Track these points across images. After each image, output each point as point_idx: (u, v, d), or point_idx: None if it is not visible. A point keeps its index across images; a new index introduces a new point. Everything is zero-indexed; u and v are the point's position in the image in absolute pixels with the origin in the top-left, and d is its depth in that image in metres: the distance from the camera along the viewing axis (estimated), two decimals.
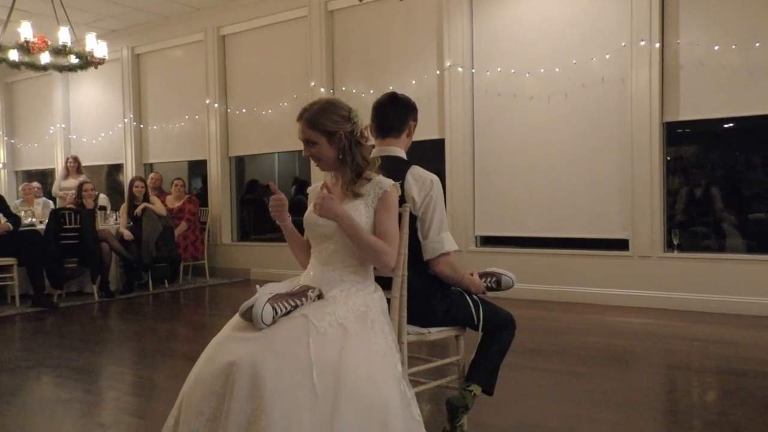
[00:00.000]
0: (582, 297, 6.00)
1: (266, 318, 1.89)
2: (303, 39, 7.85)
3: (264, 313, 1.89)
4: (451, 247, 2.49)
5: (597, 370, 3.80)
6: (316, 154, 2.22)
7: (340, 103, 2.24)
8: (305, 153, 2.25)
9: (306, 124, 2.20)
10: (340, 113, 2.21)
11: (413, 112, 2.69)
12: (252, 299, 1.93)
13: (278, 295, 1.97)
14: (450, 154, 6.70)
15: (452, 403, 2.54)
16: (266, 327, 1.90)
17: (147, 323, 5.63)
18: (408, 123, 2.66)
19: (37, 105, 10.98)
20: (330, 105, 2.22)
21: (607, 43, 5.90)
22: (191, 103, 8.93)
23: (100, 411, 3.30)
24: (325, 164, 2.26)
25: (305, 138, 2.22)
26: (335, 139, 2.19)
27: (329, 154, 2.22)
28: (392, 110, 2.64)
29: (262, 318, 1.89)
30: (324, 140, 2.20)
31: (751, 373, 3.64)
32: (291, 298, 2.00)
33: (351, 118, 2.22)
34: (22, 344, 4.87)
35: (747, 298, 5.30)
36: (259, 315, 1.88)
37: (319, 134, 2.19)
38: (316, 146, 2.21)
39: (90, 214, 6.88)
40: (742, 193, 6.05)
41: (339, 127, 2.19)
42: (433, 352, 3.94)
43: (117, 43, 9.33)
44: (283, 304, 1.96)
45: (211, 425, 1.80)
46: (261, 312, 1.89)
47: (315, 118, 2.19)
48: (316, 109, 2.21)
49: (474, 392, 2.59)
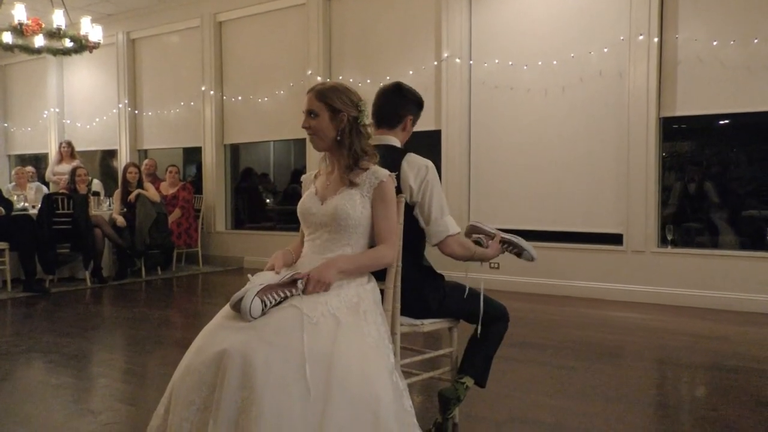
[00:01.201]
0: (575, 291, 6.01)
1: (254, 311, 1.88)
2: (300, 27, 7.80)
3: (252, 307, 1.88)
4: (456, 229, 2.48)
5: (589, 364, 3.81)
6: (315, 126, 2.21)
7: (352, 89, 2.27)
8: (304, 124, 2.23)
9: (314, 95, 2.21)
10: (350, 97, 2.23)
11: (413, 106, 2.64)
12: (242, 291, 1.92)
13: (268, 287, 1.95)
14: (446, 146, 6.69)
15: (444, 396, 2.53)
16: (254, 320, 1.89)
17: (139, 310, 5.61)
18: (404, 116, 2.61)
19: (31, 89, 10.89)
20: (342, 86, 2.25)
21: (606, 36, 5.88)
22: (186, 89, 8.87)
23: (91, 397, 3.29)
24: (320, 141, 2.24)
25: (309, 108, 2.21)
26: (338, 118, 2.20)
27: (327, 131, 2.21)
28: (390, 100, 2.61)
29: (250, 312, 1.87)
30: (327, 115, 2.19)
31: (742, 369, 3.66)
32: (281, 289, 1.98)
33: (359, 105, 2.23)
34: (12, 329, 4.85)
35: (740, 294, 5.32)
36: (247, 308, 1.87)
37: (324, 107, 2.19)
38: (317, 119, 2.20)
39: (83, 200, 6.83)
40: (737, 189, 6.07)
41: (345, 108, 2.20)
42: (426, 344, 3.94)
43: (112, 27, 9.24)
44: (273, 295, 1.94)
45: (201, 415, 1.79)
46: (249, 306, 1.87)
47: (325, 92, 2.20)
48: (328, 85, 2.24)
49: (466, 384, 2.58)
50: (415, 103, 2.66)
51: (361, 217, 2.18)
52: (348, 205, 2.16)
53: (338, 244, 2.19)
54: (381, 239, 2.20)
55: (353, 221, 2.17)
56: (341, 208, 2.16)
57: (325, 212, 2.19)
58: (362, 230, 2.20)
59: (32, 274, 6.33)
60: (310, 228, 2.26)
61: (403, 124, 2.62)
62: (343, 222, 2.17)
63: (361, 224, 2.19)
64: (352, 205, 2.16)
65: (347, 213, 2.16)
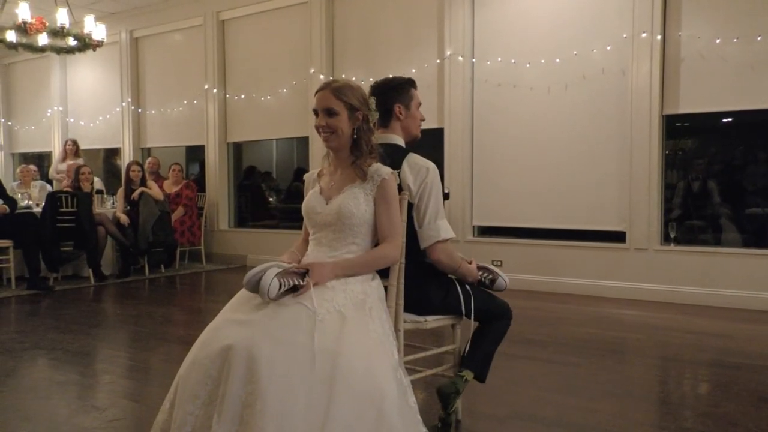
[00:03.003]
0: (578, 288, 6.02)
1: (272, 292, 1.90)
2: (303, 25, 7.80)
3: (271, 287, 1.90)
4: (447, 235, 2.45)
5: (592, 360, 3.81)
6: (334, 124, 2.20)
7: (361, 87, 2.29)
8: (320, 122, 2.21)
9: (332, 93, 2.20)
10: (362, 94, 2.27)
11: (393, 94, 2.56)
12: (258, 269, 1.94)
13: (285, 271, 1.97)
14: (449, 144, 6.69)
15: (443, 391, 2.55)
16: (270, 300, 1.90)
17: (143, 307, 5.62)
18: (391, 108, 2.55)
19: (35, 87, 10.91)
20: (354, 84, 2.28)
21: (609, 34, 5.88)
22: (190, 88, 8.89)
23: (96, 393, 3.30)
24: (336, 140, 2.23)
25: (327, 107, 2.19)
26: (355, 116, 2.22)
27: (345, 129, 2.22)
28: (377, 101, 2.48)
29: (268, 292, 1.89)
30: (346, 113, 2.20)
31: (744, 367, 3.66)
32: (295, 276, 1.99)
33: (369, 104, 2.27)
34: (17, 326, 4.86)
35: (742, 291, 5.32)
36: (266, 287, 1.89)
37: (343, 106, 2.20)
38: (336, 117, 2.20)
39: (87, 198, 6.85)
40: (740, 187, 6.06)
41: (360, 106, 2.23)
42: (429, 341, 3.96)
43: (116, 26, 9.26)
44: (289, 280, 1.96)
45: (206, 408, 1.80)
46: (269, 285, 1.89)
47: (342, 90, 2.21)
48: (342, 83, 2.25)
49: (465, 377, 2.59)
50: (393, 90, 2.58)
51: (366, 215, 2.19)
52: (352, 204, 2.17)
53: (343, 242, 2.20)
54: (383, 237, 2.22)
55: (358, 220, 2.18)
56: (346, 207, 2.17)
57: (330, 211, 2.20)
58: (367, 228, 2.21)
59: (36, 272, 6.35)
60: (315, 227, 2.27)
61: (395, 115, 2.57)
62: (348, 221, 2.18)
63: (365, 222, 2.20)
64: (356, 204, 2.17)
65: (351, 212, 2.17)
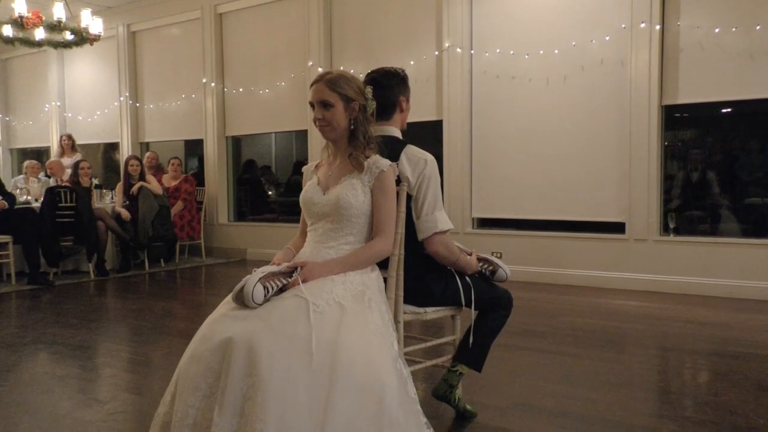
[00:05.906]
0: (577, 279, 6.03)
1: (257, 297, 1.88)
2: (301, 18, 7.78)
3: (255, 292, 1.88)
4: (445, 226, 2.43)
5: (592, 351, 3.82)
6: (329, 117, 2.20)
7: (356, 77, 2.28)
8: (316, 115, 2.21)
9: (326, 85, 2.19)
10: (358, 85, 2.25)
11: (401, 87, 2.55)
12: (243, 281, 1.92)
13: (270, 274, 1.97)
14: (448, 136, 6.68)
15: (437, 393, 2.61)
16: (257, 306, 1.89)
17: (143, 302, 5.63)
18: (396, 101, 2.53)
19: (32, 82, 10.88)
20: (349, 75, 2.26)
21: (607, 24, 5.86)
22: (188, 81, 8.86)
23: (97, 387, 3.31)
24: (333, 132, 2.23)
25: (322, 99, 2.19)
26: (350, 107, 2.21)
27: (341, 121, 2.21)
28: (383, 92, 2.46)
29: (252, 297, 1.88)
30: (341, 105, 2.20)
31: (744, 356, 3.67)
32: (282, 276, 1.99)
33: (365, 94, 2.25)
34: (18, 321, 4.87)
35: (741, 281, 5.33)
36: (249, 294, 1.87)
37: (338, 97, 2.19)
38: (331, 109, 2.19)
39: (86, 193, 6.85)
40: (739, 177, 6.05)
41: (357, 97, 2.22)
42: (429, 332, 3.97)
43: (113, 20, 9.23)
44: (274, 282, 1.95)
45: (207, 401, 1.80)
46: (252, 291, 1.88)
47: (336, 81, 2.20)
48: (336, 74, 2.23)
49: (459, 371, 2.60)
50: (399, 79, 2.56)
51: (363, 206, 2.19)
52: (350, 194, 2.17)
53: (340, 233, 2.20)
54: (377, 231, 2.21)
55: (355, 210, 2.18)
56: (343, 198, 2.17)
57: (327, 202, 2.20)
58: (364, 219, 2.21)
59: (36, 267, 6.36)
60: (313, 218, 2.27)
61: (399, 107, 2.56)
62: (345, 211, 2.18)
63: (363, 213, 2.20)
64: (354, 195, 2.17)
65: (349, 202, 2.17)
